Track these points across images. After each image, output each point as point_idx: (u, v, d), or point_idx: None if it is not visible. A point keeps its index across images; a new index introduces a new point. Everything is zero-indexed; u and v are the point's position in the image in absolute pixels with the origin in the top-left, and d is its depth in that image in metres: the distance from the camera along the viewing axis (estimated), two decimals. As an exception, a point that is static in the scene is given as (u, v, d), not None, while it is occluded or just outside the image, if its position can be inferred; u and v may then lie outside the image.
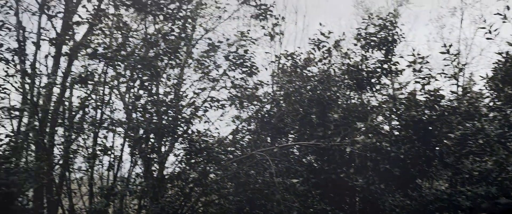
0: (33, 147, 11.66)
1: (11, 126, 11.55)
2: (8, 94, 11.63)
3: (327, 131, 12.88)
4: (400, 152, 12.59)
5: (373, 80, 13.25)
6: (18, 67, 11.54)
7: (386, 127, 13.63)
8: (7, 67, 11.60)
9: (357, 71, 13.06)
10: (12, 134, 11.37)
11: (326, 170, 13.06)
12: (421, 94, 13.10)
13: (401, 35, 13.45)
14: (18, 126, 11.56)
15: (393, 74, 13.41)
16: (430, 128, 12.86)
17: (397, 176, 12.88)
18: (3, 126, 11.53)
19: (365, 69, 13.20)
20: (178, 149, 11.94)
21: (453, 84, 14.99)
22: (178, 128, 11.36)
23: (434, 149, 13.05)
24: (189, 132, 11.67)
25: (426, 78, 13.18)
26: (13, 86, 11.53)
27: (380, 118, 13.32)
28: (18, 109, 11.45)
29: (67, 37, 11.83)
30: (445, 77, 13.60)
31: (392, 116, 13.11)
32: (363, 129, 12.72)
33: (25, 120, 11.65)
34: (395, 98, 13.09)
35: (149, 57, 11.52)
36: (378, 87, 13.48)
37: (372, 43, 13.27)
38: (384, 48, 13.28)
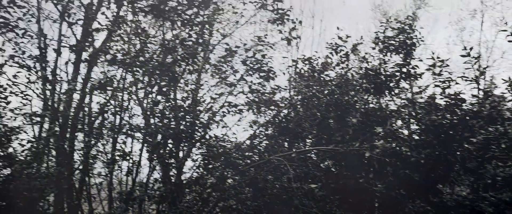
0: (53, 153, 11.83)
1: (33, 132, 11.75)
2: (30, 101, 11.86)
3: (345, 135, 12.78)
4: (421, 157, 12.42)
5: (391, 84, 13.12)
6: (40, 74, 11.77)
7: (406, 131, 13.47)
8: (29, 74, 11.84)
9: (375, 75, 12.94)
10: (33, 140, 11.58)
11: (344, 175, 12.95)
12: (441, 98, 12.93)
13: (420, 38, 13.31)
14: (39, 131, 11.75)
15: (412, 78, 13.26)
16: (451, 132, 12.67)
17: (417, 181, 12.71)
18: (25, 132, 11.75)
19: (384, 73, 13.07)
20: (196, 154, 11.99)
21: (474, 88, 14.76)
22: (196, 133, 11.41)
23: (456, 154, 12.84)
24: (207, 137, 11.71)
25: (446, 82, 13.00)
26: (34, 92, 11.76)
27: (399, 122, 13.17)
28: (39, 115, 11.65)
29: (86, 44, 12.00)
30: (465, 80, 13.39)
31: (412, 120, 12.95)
32: (382, 133, 12.59)
33: (46, 125, 11.85)
34: (415, 102, 12.93)
35: (167, 63, 11.62)
36: (396, 91, 13.34)
37: (390, 47, 13.15)
38: (403, 51, 13.14)
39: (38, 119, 11.63)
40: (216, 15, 12.47)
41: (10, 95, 11.77)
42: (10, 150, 11.56)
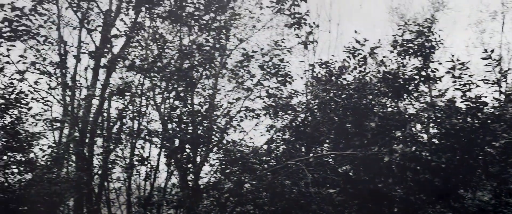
0: (73, 158, 11.99)
1: (53, 137, 11.94)
2: (50, 107, 12.06)
3: (363, 140, 12.66)
4: (441, 161, 12.22)
5: (410, 87, 12.96)
6: (60, 80, 11.96)
7: (425, 136, 13.28)
8: (50, 81, 12.04)
9: (393, 79, 12.81)
10: (54, 145, 11.75)
11: (363, 180, 12.81)
12: (462, 102, 12.71)
13: (439, 41, 13.13)
14: (59, 137, 11.92)
15: (432, 82, 13.08)
16: (473, 136, 12.43)
17: (438, 186, 12.50)
18: (45, 137, 11.94)
19: (402, 77, 12.93)
20: (214, 159, 12.02)
21: (495, 91, 14.48)
22: (213, 137, 11.44)
23: (477, 158, 12.59)
24: (224, 141, 11.73)
25: (466, 85, 12.78)
26: (55, 98, 11.95)
27: (418, 126, 12.99)
28: (59, 120, 11.82)
29: (105, 50, 12.16)
30: (486, 83, 13.15)
31: (431, 124, 12.76)
32: (401, 137, 12.43)
33: (66, 131, 12.02)
34: (434, 106, 12.74)
35: (184, 68, 11.69)
36: (415, 95, 13.18)
37: (409, 50, 13.00)
38: (421, 54, 12.98)
39: (58, 124, 11.81)
40: (233, 20, 12.52)
41: (31, 101, 11.98)
42: (31, 155, 11.75)
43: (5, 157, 11.66)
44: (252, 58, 12.39)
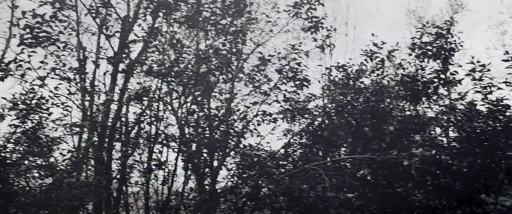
0: (92, 162, 12.12)
1: (73, 142, 12.10)
2: (70, 112, 12.23)
3: (382, 143, 12.52)
4: (462, 165, 12.00)
5: (429, 90, 12.78)
6: (79, 85, 12.12)
7: (445, 139, 13.07)
8: (70, 86, 12.22)
9: (412, 82, 12.65)
10: (73, 150, 11.91)
11: (382, 184, 12.66)
12: (483, 105, 12.48)
13: (459, 43, 12.93)
14: (78, 141, 12.08)
15: (451, 84, 12.87)
16: (494, 139, 12.19)
17: (459, 191, 12.28)
18: (65, 142, 12.10)
19: (421, 80, 12.76)
20: (231, 163, 12.02)
21: (518, 93, 14.15)
22: (230, 142, 11.45)
23: (500, 162, 12.34)
24: (241, 146, 11.72)
25: (487, 88, 12.54)
26: (74, 103, 12.11)
27: (438, 130, 12.79)
28: (78, 125, 11.98)
29: (123, 55, 12.29)
30: (508, 86, 12.88)
31: (451, 127, 12.55)
32: (420, 141, 12.26)
33: (85, 135, 12.16)
34: (454, 109, 12.53)
35: (201, 73, 11.74)
36: (434, 98, 12.98)
37: (428, 52, 12.83)
38: (441, 57, 12.80)
39: (78, 129, 11.96)
40: (250, 24, 12.53)
41: (51, 107, 12.17)
42: (52, 159, 11.92)
43: (26, 162, 11.86)
44: (269, 62, 12.37)
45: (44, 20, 11.94)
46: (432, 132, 12.67)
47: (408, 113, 13.04)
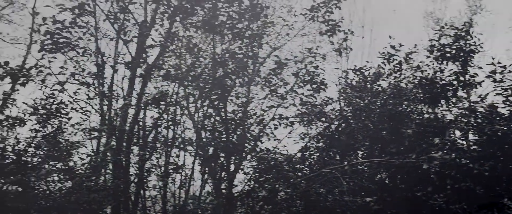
0: (111, 166, 12.24)
1: (91, 146, 12.23)
2: (89, 116, 12.38)
3: (400, 147, 12.38)
4: (484, 169, 11.78)
5: (448, 93, 12.60)
6: (97, 90, 12.28)
7: (465, 142, 12.86)
8: (88, 91, 12.38)
9: (430, 84, 12.49)
10: (92, 154, 12.04)
11: (400, 188, 12.51)
12: (504, 107, 12.25)
13: (479, 45, 12.73)
14: (97, 146, 12.20)
15: (471, 86, 12.68)
16: (516, 142, 11.95)
17: (480, 195, 12.06)
18: (84, 146, 12.25)
19: (440, 82, 12.59)
20: (247, 167, 12.03)
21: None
22: (247, 145, 11.45)
23: (522, 166, 12.08)
24: (258, 149, 11.72)
25: (508, 90, 12.31)
26: (93, 108, 12.27)
27: (457, 133, 12.59)
28: (97, 129, 12.11)
29: (141, 60, 12.41)
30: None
31: (472, 130, 12.34)
32: (440, 144, 12.08)
33: (103, 140, 12.29)
34: (474, 112, 12.33)
35: (218, 77, 11.79)
36: (454, 100, 12.80)
37: (446, 54, 12.66)
38: (460, 59, 12.62)
39: (96, 133, 12.09)
40: (266, 28, 12.54)
41: (71, 111, 12.34)
42: (71, 163, 12.08)
43: (46, 166, 12.04)
44: (285, 66, 12.36)
45: (64, 26, 12.13)
46: (452, 135, 12.48)
47: (426, 115, 12.87)
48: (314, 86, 12.41)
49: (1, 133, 11.95)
